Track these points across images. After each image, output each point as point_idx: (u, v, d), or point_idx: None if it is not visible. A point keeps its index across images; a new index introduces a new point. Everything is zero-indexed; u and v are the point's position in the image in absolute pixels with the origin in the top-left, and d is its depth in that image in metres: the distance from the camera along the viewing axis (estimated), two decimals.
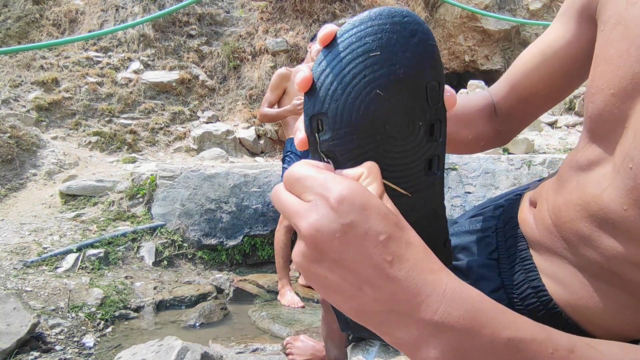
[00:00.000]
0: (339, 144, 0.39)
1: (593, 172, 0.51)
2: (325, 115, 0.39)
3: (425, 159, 0.42)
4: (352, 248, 0.34)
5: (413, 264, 0.34)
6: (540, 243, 0.60)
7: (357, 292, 0.35)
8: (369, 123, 0.39)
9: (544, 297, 0.57)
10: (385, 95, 0.38)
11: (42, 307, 2.32)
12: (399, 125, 0.39)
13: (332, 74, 0.38)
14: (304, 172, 0.37)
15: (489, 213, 0.76)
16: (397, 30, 0.38)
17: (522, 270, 0.61)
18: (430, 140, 0.41)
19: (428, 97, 0.40)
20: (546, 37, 0.68)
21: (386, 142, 0.39)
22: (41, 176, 4.03)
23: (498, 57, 7.89)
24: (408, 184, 0.42)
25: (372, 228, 0.34)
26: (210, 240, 3.52)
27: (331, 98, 0.38)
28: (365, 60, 0.38)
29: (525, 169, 3.50)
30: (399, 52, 0.38)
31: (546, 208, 0.59)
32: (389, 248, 0.34)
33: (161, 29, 6.07)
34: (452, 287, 0.34)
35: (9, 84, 5.04)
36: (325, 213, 0.34)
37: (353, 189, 0.35)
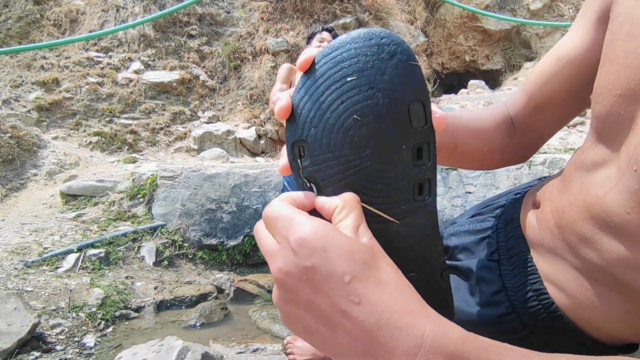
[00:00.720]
0: (320, 170, 0.39)
1: (597, 173, 0.50)
2: (305, 142, 0.39)
3: (414, 184, 0.40)
4: (320, 291, 0.33)
5: (384, 306, 0.32)
6: (542, 245, 0.59)
7: (332, 335, 0.34)
8: (348, 149, 0.38)
9: (546, 301, 0.57)
10: (364, 120, 0.37)
11: (42, 307, 2.32)
12: (381, 150, 0.38)
13: (310, 100, 0.38)
14: (276, 211, 0.37)
15: (489, 213, 0.76)
16: (374, 53, 0.37)
17: (523, 272, 0.61)
18: (418, 165, 0.39)
19: (411, 119, 0.38)
20: (563, 43, 0.65)
21: (368, 167, 0.38)
22: (42, 176, 4.04)
23: (498, 57, 7.89)
24: (395, 210, 0.40)
25: (336, 270, 0.33)
26: (210, 240, 3.52)
27: (310, 124, 0.38)
28: (342, 86, 0.37)
29: (526, 168, 3.50)
30: (377, 75, 0.37)
31: (549, 209, 0.58)
32: (356, 289, 0.33)
33: (162, 29, 6.07)
34: (431, 330, 0.32)
35: (10, 84, 5.04)
36: (288, 257, 0.34)
37: (314, 230, 0.34)
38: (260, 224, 0.39)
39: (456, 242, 0.76)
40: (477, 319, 0.64)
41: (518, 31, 7.61)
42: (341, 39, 0.38)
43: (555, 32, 7.05)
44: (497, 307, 0.62)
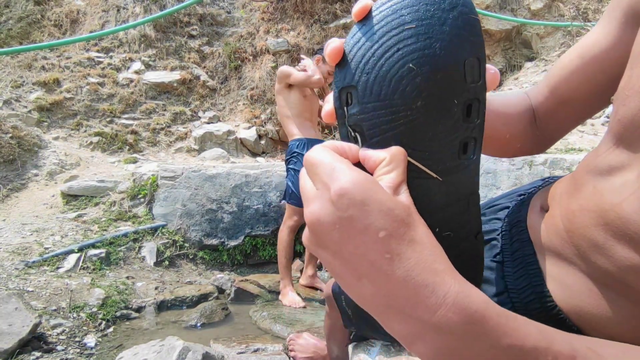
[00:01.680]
0: (367, 119, 0.38)
1: (613, 178, 0.49)
2: (354, 88, 0.38)
3: (460, 141, 0.39)
4: (351, 242, 0.34)
5: (414, 263, 0.33)
6: (550, 248, 0.58)
7: (357, 283, 0.35)
8: (399, 98, 0.37)
9: (549, 303, 0.56)
10: (419, 70, 0.36)
11: (43, 307, 2.33)
12: (433, 103, 0.37)
13: (364, 46, 0.37)
14: (318, 157, 0.37)
15: (493, 214, 0.75)
16: (435, 2, 0.36)
17: (526, 274, 0.61)
18: (467, 122, 0.38)
19: (466, 74, 0.37)
20: (586, 40, 0.64)
21: (418, 120, 0.37)
22: (42, 176, 4.04)
23: (499, 57, 7.88)
24: (439, 166, 0.39)
25: (372, 224, 0.33)
26: (211, 240, 3.52)
27: (362, 71, 0.37)
28: (399, 33, 0.36)
29: (527, 169, 3.49)
30: (436, 26, 0.36)
31: (559, 213, 0.57)
32: (389, 245, 0.33)
33: (162, 30, 6.07)
34: (455, 290, 0.33)
35: (11, 84, 5.05)
36: (326, 205, 0.34)
37: (357, 182, 0.34)
38: (304, 170, 0.39)
39: None
40: None
41: (519, 31, 7.61)
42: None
43: (556, 32, 7.05)
44: None
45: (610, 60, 0.61)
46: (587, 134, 4.51)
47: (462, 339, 0.33)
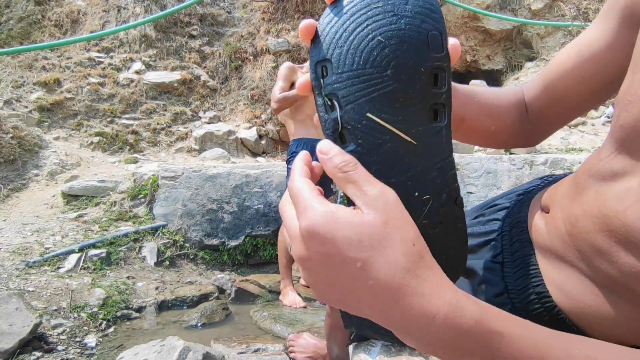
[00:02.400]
0: (342, 87, 0.41)
1: (616, 184, 0.48)
2: (329, 61, 0.41)
3: (430, 107, 0.42)
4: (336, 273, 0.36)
5: (396, 287, 0.35)
6: (550, 250, 0.58)
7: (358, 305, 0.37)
8: (370, 67, 0.40)
9: (548, 304, 0.56)
10: (387, 42, 0.40)
11: (44, 307, 2.33)
12: (401, 70, 0.40)
13: (337, 23, 0.41)
14: (297, 190, 0.39)
15: (493, 214, 0.75)
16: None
17: (526, 275, 0.60)
18: (435, 88, 0.42)
19: (430, 44, 0.41)
20: (584, 38, 0.64)
21: (389, 86, 0.41)
22: (43, 176, 4.04)
23: (500, 57, 7.88)
24: (412, 130, 0.42)
25: (346, 257, 0.35)
26: (212, 240, 3.53)
27: (335, 45, 0.41)
28: (369, 11, 0.40)
29: (527, 169, 3.49)
30: (401, 4, 0.41)
31: (560, 216, 0.57)
32: (369, 273, 0.35)
33: (163, 30, 6.08)
34: (444, 312, 0.35)
35: (11, 84, 5.05)
36: (305, 243, 0.37)
37: (323, 219, 0.36)
38: (285, 199, 0.42)
39: None
40: None
41: (519, 31, 7.60)
42: None
43: (556, 32, 7.05)
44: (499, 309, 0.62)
45: (607, 60, 0.61)
46: (587, 134, 4.50)
47: (454, 353, 0.36)
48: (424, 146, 0.43)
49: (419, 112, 0.42)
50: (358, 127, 0.41)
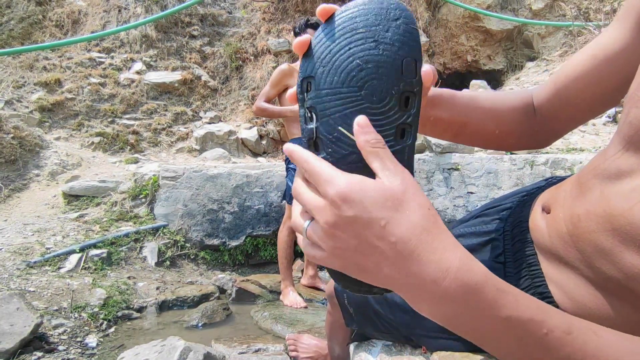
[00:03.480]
0: (320, 102, 0.46)
1: (622, 183, 0.48)
2: (313, 78, 0.46)
3: (397, 127, 0.46)
4: (361, 235, 0.40)
5: (416, 244, 0.39)
6: (552, 251, 0.58)
7: (376, 268, 0.41)
8: (346, 87, 0.45)
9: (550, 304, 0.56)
10: (364, 65, 0.44)
11: (45, 308, 2.33)
12: (374, 92, 0.45)
13: (324, 44, 0.46)
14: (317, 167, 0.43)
15: (496, 214, 0.75)
16: (382, 14, 0.45)
17: (528, 275, 0.60)
18: (404, 110, 0.46)
19: (403, 70, 0.45)
20: (599, 41, 0.63)
21: (362, 105, 0.45)
22: (44, 177, 4.04)
23: (500, 57, 7.87)
24: None
25: (373, 217, 0.40)
26: (212, 240, 3.53)
27: (320, 64, 0.46)
28: (352, 36, 0.45)
29: (528, 169, 3.49)
30: (382, 32, 0.45)
31: (562, 216, 0.56)
32: (392, 230, 0.39)
33: (163, 30, 6.08)
34: (456, 265, 0.39)
35: (12, 84, 5.06)
36: (334, 211, 0.40)
37: (351, 184, 0.40)
38: (298, 183, 0.46)
39: (463, 244, 0.75)
40: None
41: (520, 31, 7.60)
42: (358, 1, 0.46)
43: (557, 32, 7.04)
44: None
45: (621, 63, 0.60)
46: (588, 134, 4.50)
47: (464, 308, 0.39)
48: None
49: (388, 130, 0.46)
50: (329, 138, 0.46)
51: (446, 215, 3.52)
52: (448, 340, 0.69)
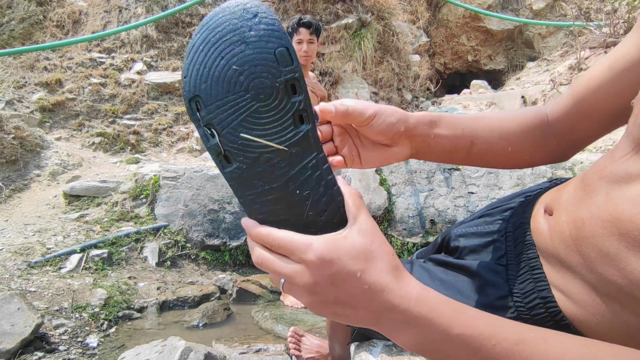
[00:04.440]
0: (214, 116, 0.47)
1: (630, 187, 0.46)
2: (199, 96, 0.47)
3: (293, 114, 0.48)
4: (342, 287, 0.45)
5: (382, 286, 0.45)
6: (553, 254, 0.57)
7: (354, 312, 0.46)
8: (232, 93, 0.46)
9: (553, 309, 0.56)
10: (241, 69, 0.46)
11: (46, 308, 2.33)
12: (259, 90, 0.46)
13: (198, 61, 0.47)
14: (286, 238, 0.47)
15: (498, 215, 0.74)
16: (240, 16, 0.46)
17: (531, 279, 0.60)
18: (293, 97, 0.47)
19: (278, 61, 0.46)
20: (617, 51, 0.61)
21: (252, 105, 0.46)
22: (45, 177, 4.05)
23: (501, 57, 7.87)
24: (283, 139, 0.48)
25: (350, 270, 0.45)
26: (213, 240, 3.53)
27: (200, 81, 0.47)
28: (220, 45, 0.46)
29: (529, 169, 3.49)
30: (245, 32, 0.46)
31: (565, 219, 0.55)
32: (365, 279, 0.45)
33: (164, 30, 6.08)
34: (415, 295, 0.45)
35: (13, 85, 5.06)
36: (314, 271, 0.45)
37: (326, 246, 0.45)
38: (264, 256, 0.48)
39: (465, 244, 0.75)
40: None
41: (521, 31, 7.60)
42: (214, 11, 0.47)
43: (558, 32, 7.04)
44: (502, 312, 0.61)
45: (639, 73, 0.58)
46: None
47: (427, 330, 0.44)
48: (296, 150, 0.49)
49: (285, 121, 0.47)
50: (236, 147, 0.47)
51: (447, 216, 3.52)
52: None
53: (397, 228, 3.62)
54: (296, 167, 0.49)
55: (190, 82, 0.47)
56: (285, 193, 0.48)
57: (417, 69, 6.65)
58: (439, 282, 0.72)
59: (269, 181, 0.48)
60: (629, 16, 5.22)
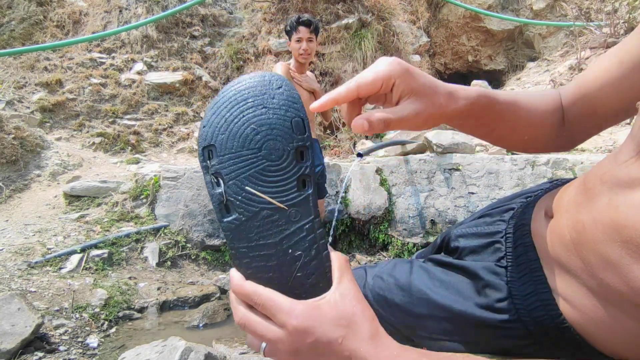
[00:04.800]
0: (224, 167, 0.51)
1: (634, 192, 0.45)
2: (214, 146, 0.51)
3: (297, 178, 0.51)
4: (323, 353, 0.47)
5: (364, 353, 0.46)
6: (554, 257, 0.56)
7: None
8: (246, 149, 0.50)
9: (553, 312, 0.55)
10: (259, 129, 0.50)
11: (46, 308, 2.33)
12: (271, 151, 0.51)
13: (219, 115, 0.51)
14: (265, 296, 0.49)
15: (498, 215, 0.74)
16: (266, 84, 0.52)
17: (531, 281, 0.59)
18: (301, 162, 0.51)
19: (293, 129, 0.51)
20: (626, 45, 0.59)
21: (262, 163, 0.50)
22: (45, 177, 4.05)
23: (501, 57, 7.87)
24: (284, 198, 0.51)
25: (331, 337, 0.46)
26: (213, 240, 3.53)
27: (218, 132, 0.51)
28: (243, 106, 0.51)
29: (529, 169, 3.49)
30: (268, 99, 0.51)
31: (565, 222, 0.54)
32: (347, 345, 0.46)
33: (164, 30, 6.08)
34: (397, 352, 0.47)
35: (13, 85, 5.06)
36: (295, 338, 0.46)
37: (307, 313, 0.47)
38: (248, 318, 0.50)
39: (464, 244, 0.75)
40: (482, 322, 0.63)
41: (521, 31, 7.59)
42: (242, 76, 0.52)
43: (558, 32, 7.03)
44: (502, 314, 0.61)
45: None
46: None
47: None
48: (294, 210, 0.51)
49: (289, 183, 0.51)
50: (239, 198, 0.50)
51: (447, 216, 3.52)
52: (449, 342, 0.68)
53: (397, 228, 3.62)
54: (293, 226, 0.51)
55: (208, 131, 0.51)
56: (277, 250, 0.51)
57: None
58: (439, 283, 0.72)
59: (264, 236, 0.51)
60: (629, 16, 5.22)
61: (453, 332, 0.67)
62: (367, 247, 3.77)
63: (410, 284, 0.75)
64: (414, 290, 0.74)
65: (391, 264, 0.84)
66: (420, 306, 0.72)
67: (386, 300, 0.79)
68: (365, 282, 0.84)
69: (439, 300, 0.69)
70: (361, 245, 3.78)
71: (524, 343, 0.59)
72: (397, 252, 3.59)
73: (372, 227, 3.67)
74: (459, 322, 0.66)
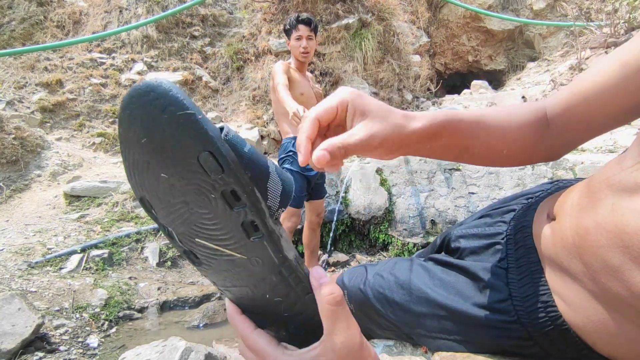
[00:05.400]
0: (163, 217, 0.41)
1: (638, 198, 0.44)
2: (146, 198, 0.40)
3: (240, 225, 0.40)
4: None
5: None
6: (555, 260, 0.56)
7: None
8: (173, 202, 0.39)
9: (553, 313, 0.55)
10: (170, 177, 0.37)
11: (46, 308, 2.33)
12: (195, 201, 0.38)
13: (131, 166, 0.38)
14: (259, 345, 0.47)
15: (499, 216, 0.74)
16: (149, 110, 0.34)
17: (531, 283, 0.59)
18: (237, 207, 0.39)
19: (205, 170, 0.36)
20: (629, 47, 0.56)
21: (196, 214, 0.39)
22: (45, 177, 4.05)
23: (502, 57, 7.87)
24: (237, 246, 0.41)
25: None
26: None
27: (141, 186, 0.39)
28: (140, 149, 0.36)
29: (530, 169, 3.49)
30: (159, 132, 0.35)
31: (568, 226, 0.54)
32: None
33: (165, 30, 6.08)
34: None
35: (14, 85, 5.06)
36: None
37: None
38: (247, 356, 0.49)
39: (465, 245, 0.75)
40: (481, 322, 0.63)
41: (521, 31, 7.59)
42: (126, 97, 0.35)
43: (558, 32, 7.04)
44: (502, 315, 0.61)
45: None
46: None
47: None
48: (257, 257, 0.42)
49: (234, 232, 0.40)
50: (196, 248, 0.41)
51: (447, 216, 3.52)
52: (449, 341, 0.68)
53: (397, 228, 3.62)
54: (262, 272, 0.43)
55: (132, 184, 0.40)
56: (257, 294, 0.45)
57: (417, 69, 6.65)
58: (439, 282, 0.72)
59: (239, 284, 0.44)
60: (629, 16, 5.22)
61: (452, 331, 0.68)
62: (368, 247, 3.77)
63: (410, 282, 0.76)
64: (414, 289, 0.74)
65: (392, 262, 0.85)
66: (420, 304, 0.72)
67: (386, 298, 0.79)
68: (365, 280, 0.84)
69: (438, 299, 0.69)
70: (361, 245, 3.78)
71: (523, 344, 0.59)
72: (397, 252, 3.59)
73: (373, 227, 3.67)
74: (458, 321, 0.66)
